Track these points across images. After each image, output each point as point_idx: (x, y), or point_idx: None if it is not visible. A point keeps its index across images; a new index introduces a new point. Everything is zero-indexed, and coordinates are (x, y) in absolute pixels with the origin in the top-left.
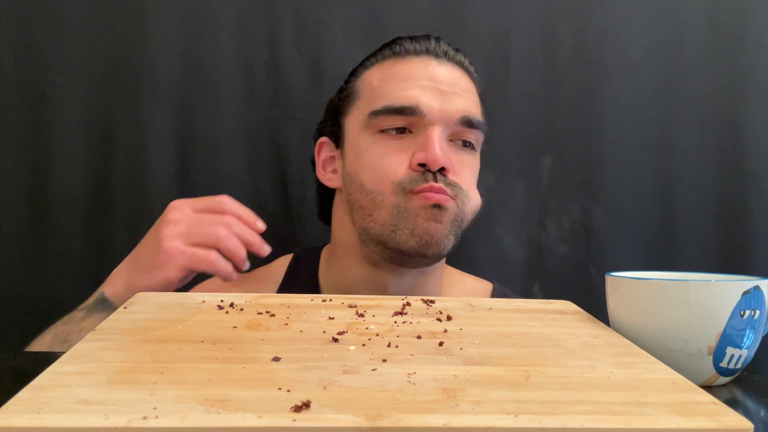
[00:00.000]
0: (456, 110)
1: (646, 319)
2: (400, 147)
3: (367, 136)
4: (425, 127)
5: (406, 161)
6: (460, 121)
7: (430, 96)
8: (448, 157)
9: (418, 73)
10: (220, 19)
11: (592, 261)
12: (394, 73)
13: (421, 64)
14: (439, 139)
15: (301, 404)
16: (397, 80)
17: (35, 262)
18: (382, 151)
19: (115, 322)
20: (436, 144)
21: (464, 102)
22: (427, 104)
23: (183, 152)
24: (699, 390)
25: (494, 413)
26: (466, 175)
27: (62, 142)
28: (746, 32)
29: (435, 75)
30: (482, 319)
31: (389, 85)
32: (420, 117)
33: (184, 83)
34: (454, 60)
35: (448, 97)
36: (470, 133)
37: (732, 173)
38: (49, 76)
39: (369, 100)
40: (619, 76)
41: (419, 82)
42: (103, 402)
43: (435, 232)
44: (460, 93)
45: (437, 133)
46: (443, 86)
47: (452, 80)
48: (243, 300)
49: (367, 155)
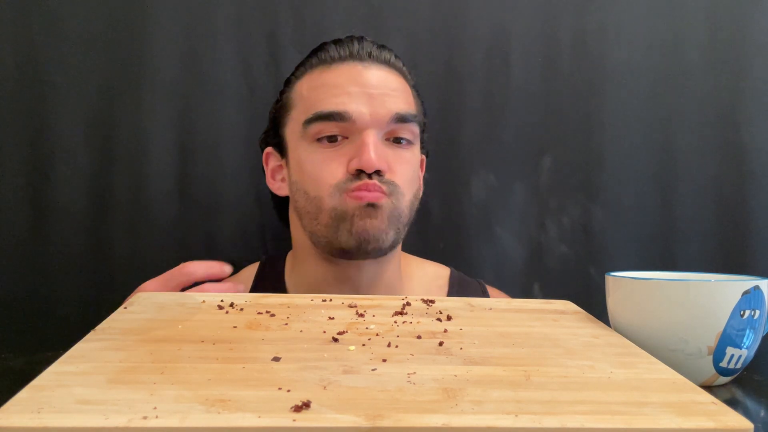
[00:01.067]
0: (387, 111)
1: (646, 319)
2: (336, 154)
3: (306, 145)
4: (359, 132)
5: (343, 167)
6: (392, 120)
7: (359, 101)
8: (384, 159)
9: (345, 80)
10: (220, 19)
11: (592, 261)
12: (322, 82)
13: (348, 70)
14: (374, 142)
15: (301, 404)
16: (325, 88)
17: (35, 262)
18: (320, 159)
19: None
20: (370, 148)
21: (394, 101)
22: (357, 110)
23: (183, 152)
24: (699, 390)
25: (494, 413)
26: (405, 171)
27: (62, 142)
28: (746, 32)
29: (361, 79)
30: (482, 319)
31: (318, 94)
32: (351, 123)
33: (184, 83)
34: (380, 59)
35: (378, 99)
36: (404, 129)
37: (732, 173)
38: (49, 76)
39: (302, 110)
40: (619, 76)
41: (347, 88)
42: (103, 402)
43: (371, 229)
44: (389, 93)
45: (370, 136)
46: (371, 89)
47: (379, 82)
48: (243, 300)
49: (307, 164)
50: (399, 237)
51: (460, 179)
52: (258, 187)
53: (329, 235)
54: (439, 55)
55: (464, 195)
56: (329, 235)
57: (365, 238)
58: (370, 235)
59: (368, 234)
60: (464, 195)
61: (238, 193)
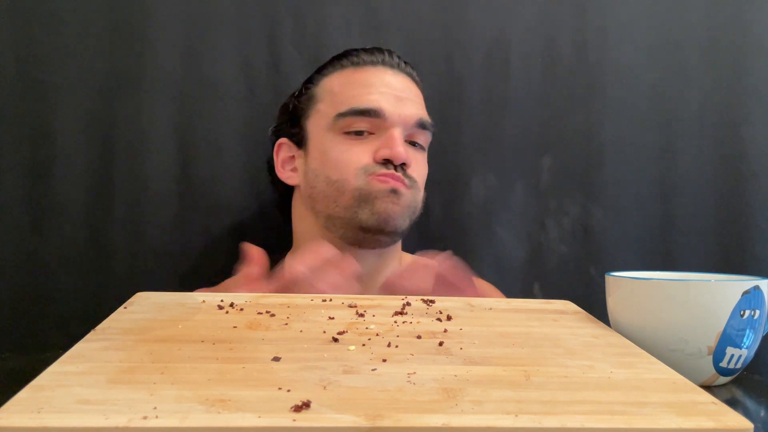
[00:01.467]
0: (411, 114)
1: (646, 319)
2: (363, 145)
3: (332, 135)
4: (386, 129)
5: (369, 155)
6: (415, 124)
7: (389, 101)
8: (408, 154)
9: (377, 81)
10: (220, 19)
11: (592, 261)
12: (355, 80)
13: (378, 73)
14: (401, 138)
15: (301, 404)
16: (358, 86)
17: (35, 262)
18: (347, 148)
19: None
20: (399, 141)
21: (417, 107)
22: (388, 108)
23: (183, 152)
24: (699, 390)
25: (494, 413)
26: (421, 171)
27: (62, 142)
28: (746, 33)
29: (391, 83)
30: (482, 319)
31: (352, 90)
32: (382, 119)
33: (185, 83)
34: (405, 71)
35: (404, 102)
36: (422, 134)
37: (732, 173)
38: (49, 76)
39: (332, 104)
40: (619, 76)
41: (379, 88)
42: (103, 402)
43: (392, 212)
44: (413, 99)
45: (398, 132)
46: (399, 93)
47: (405, 88)
48: (243, 300)
49: (333, 152)
50: (409, 228)
51: (460, 179)
52: (258, 188)
53: (348, 214)
54: (439, 55)
55: (464, 195)
56: (348, 215)
57: (385, 219)
58: (390, 217)
59: (389, 215)
60: (464, 195)
61: (238, 193)
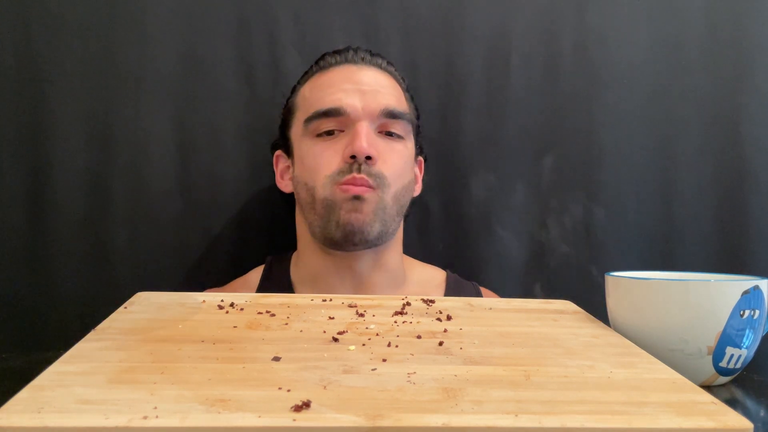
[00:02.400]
0: (377, 105)
1: (646, 319)
2: (333, 145)
3: (307, 140)
4: (353, 125)
5: (338, 156)
6: (382, 114)
7: (352, 97)
8: (375, 147)
9: (339, 79)
10: (220, 19)
11: (592, 261)
12: (320, 83)
13: (342, 71)
14: (366, 132)
15: (301, 404)
16: (322, 88)
17: (35, 262)
18: (318, 151)
19: (115, 322)
20: (362, 136)
21: (385, 96)
22: (350, 104)
23: (183, 152)
24: (699, 390)
25: (494, 413)
26: (395, 161)
27: (62, 142)
28: (746, 32)
29: (355, 78)
30: (482, 318)
31: (317, 94)
32: (345, 116)
33: (184, 83)
34: (373, 63)
35: (369, 95)
36: (395, 123)
37: (732, 173)
38: (49, 76)
39: (303, 110)
40: (620, 76)
41: (341, 86)
42: (103, 402)
43: (356, 222)
44: (380, 89)
45: (363, 127)
46: (363, 86)
47: (371, 80)
48: (243, 300)
49: (307, 157)
50: (387, 228)
51: (460, 179)
52: (258, 188)
53: (322, 224)
54: (439, 55)
55: (464, 195)
56: (322, 225)
57: (350, 230)
58: (355, 227)
59: (353, 226)
60: (464, 195)
61: (238, 193)
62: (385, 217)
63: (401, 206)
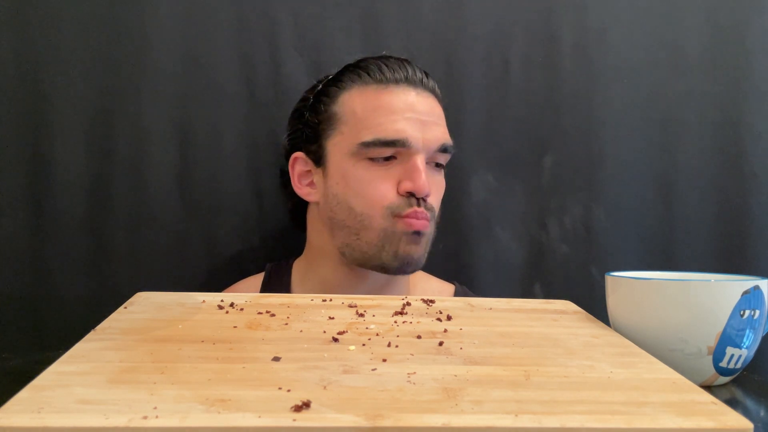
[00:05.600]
0: (435, 139)
1: (646, 319)
2: (387, 174)
3: (355, 162)
4: (410, 156)
5: (393, 187)
6: (438, 149)
7: (414, 127)
8: (430, 184)
9: (402, 105)
10: (220, 19)
11: (593, 261)
12: (379, 104)
13: (403, 94)
14: (423, 167)
15: (301, 404)
16: (383, 112)
17: (35, 262)
18: (371, 178)
19: (115, 322)
20: (423, 174)
21: (441, 130)
22: (414, 136)
23: (183, 152)
24: (699, 390)
25: (494, 413)
26: (440, 192)
27: (62, 142)
28: (746, 32)
29: (416, 106)
30: (482, 318)
31: (377, 118)
32: (407, 148)
33: (184, 83)
34: (428, 87)
35: (429, 127)
36: (444, 157)
37: (732, 173)
38: (49, 76)
39: (355, 129)
40: (619, 76)
41: (405, 114)
42: (103, 402)
43: (415, 254)
44: (437, 121)
45: (421, 161)
46: (423, 116)
47: (429, 110)
48: (243, 300)
49: (356, 181)
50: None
51: (460, 179)
52: (258, 188)
53: (370, 252)
54: (439, 55)
55: (464, 195)
56: (370, 252)
57: (408, 262)
58: (413, 259)
59: (411, 258)
60: (464, 195)
61: (238, 193)
62: (429, 246)
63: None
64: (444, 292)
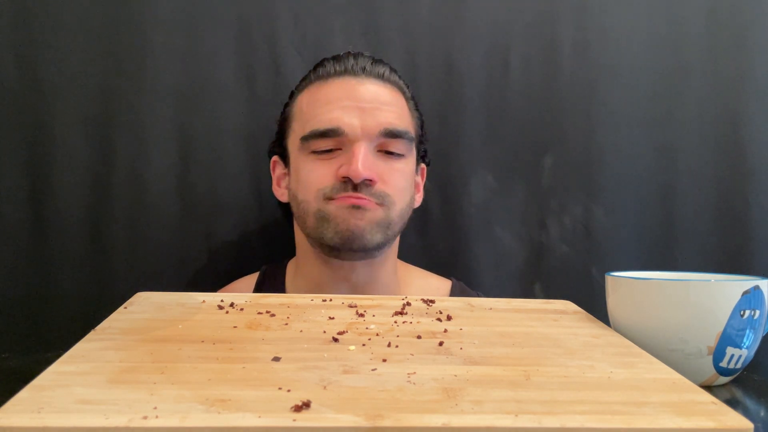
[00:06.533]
0: (376, 124)
1: (646, 319)
2: (329, 163)
3: (303, 157)
4: (351, 144)
5: (332, 173)
6: (381, 134)
7: (351, 115)
8: (374, 170)
9: (340, 94)
10: (220, 19)
11: (593, 261)
12: (318, 97)
13: (342, 84)
14: (364, 153)
15: (301, 404)
16: (321, 104)
17: (35, 262)
18: (313, 167)
19: (115, 322)
20: (359, 159)
21: (385, 115)
22: (348, 123)
23: (183, 152)
24: (699, 390)
25: (494, 413)
26: (397, 181)
27: (62, 142)
28: (746, 32)
29: (355, 94)
30: (482, 318)
31: (315, 109)
32: (344, 136)
33: (184, 83)
34: (374, 74)
35: (369, 113)
36: (395, 143)
37: (732, 173)
38: (49, 76)
39: (300, 124)
40: (619, 76)
41: (341, 103)
42: (103, 402)
43: (355, 228)
44: (380, 107)
45: (360, 148)
46: (363, 104)
47: (372, 96)
48: (243, 300)
49: (302, 173)
50: (387, 241)
51: (460, 179)
52: (258, 188)
53: (314, 234)
54: (439, 55)
55: (464, 195)
56: (315, 235)
57: (349, 237)
58: (353, 234)
59: (352, 233)
60: (464, 195)
61: (238, 193)
62: (388, 232)
63: (405, 222)
64: (441, 287)
